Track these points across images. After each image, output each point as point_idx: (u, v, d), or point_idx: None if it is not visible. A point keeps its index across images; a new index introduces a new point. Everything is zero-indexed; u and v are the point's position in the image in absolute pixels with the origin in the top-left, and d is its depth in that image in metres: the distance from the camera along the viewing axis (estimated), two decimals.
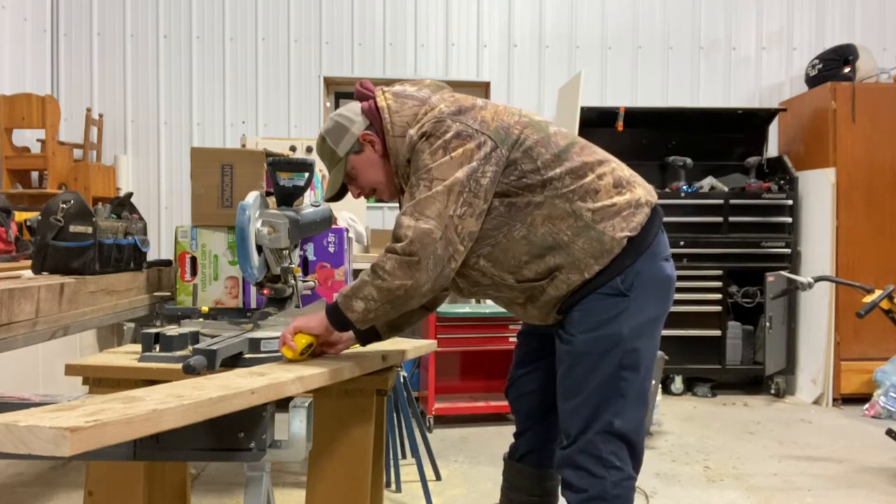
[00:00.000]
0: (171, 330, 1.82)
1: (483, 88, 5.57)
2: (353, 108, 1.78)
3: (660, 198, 1.55)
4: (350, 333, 1.79)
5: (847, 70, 5.05)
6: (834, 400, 4.73)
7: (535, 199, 1.62)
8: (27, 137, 5.09)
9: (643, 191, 1.70)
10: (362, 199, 2.24)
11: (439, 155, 1.59)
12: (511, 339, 4.02)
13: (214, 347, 1.56)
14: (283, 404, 1.32)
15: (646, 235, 1.64)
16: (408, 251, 1.54)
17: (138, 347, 1.81)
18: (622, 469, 1.63)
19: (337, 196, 1.85)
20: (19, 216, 3.04)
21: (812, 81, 5.22)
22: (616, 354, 1.62)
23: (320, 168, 3.00)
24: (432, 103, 1.69)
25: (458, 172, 1.57)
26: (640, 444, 1.68)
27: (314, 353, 1.71)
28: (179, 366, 1.52)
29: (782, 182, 5.07)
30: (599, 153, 1.72)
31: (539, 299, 1.68)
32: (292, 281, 2.02)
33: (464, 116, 1.63)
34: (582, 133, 3.13)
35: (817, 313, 4.85)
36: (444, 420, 4.21)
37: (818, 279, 3.58)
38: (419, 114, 1.68)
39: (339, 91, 5.67)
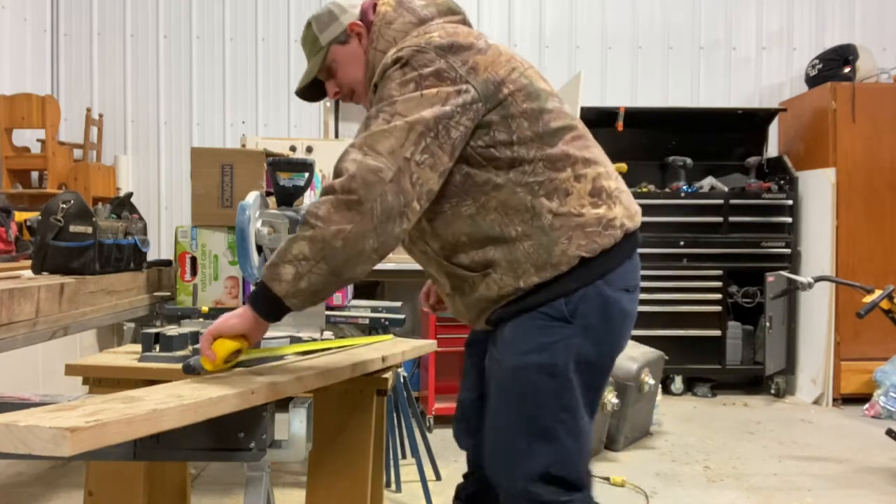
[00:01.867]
0: (171, 330, 1.82)
1: None
2: (352, 2, 1.60)
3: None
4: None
5: (847, 70, 5.05)
6: (834, 400, 4.73)
7: (496, 180, 1.39)
8: (27, 137, 5.09)
9: (622, 211, 1.45)
10: None
11: (409, 88, 1.35)
12: None
13: None
14: (283, 404, 1.33)
15: (605, 262, 1.41)
16: (347, 188, 1.28)
17: (138, 347, 1.81)
18: (571, 500, 1.42)
19: (311, 94, 1.66)
20: (19, 216, 3.04)
21: (812, 81, 5.22)
22: (550, 390, 1.39)
23: (320, 168, 3.00)
24: (429, 28, 1.46)
25: (425, 111, 1.32)
26: (585, 472, 1.47)
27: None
28: (179, 366, 1.52)
29: (782, 182, 5.07)
30: (593, 151, 1.48)
31: (468, 295, 1.47)
32: None
33: (453, 56, 1.38)
34: None
35: (817, 313, 4.85)
36: (444, 420, 4.21)
37: (818, 279, 3.57)
38: (410, 34, 1.47)
39: None
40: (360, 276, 1.36)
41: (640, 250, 1.51)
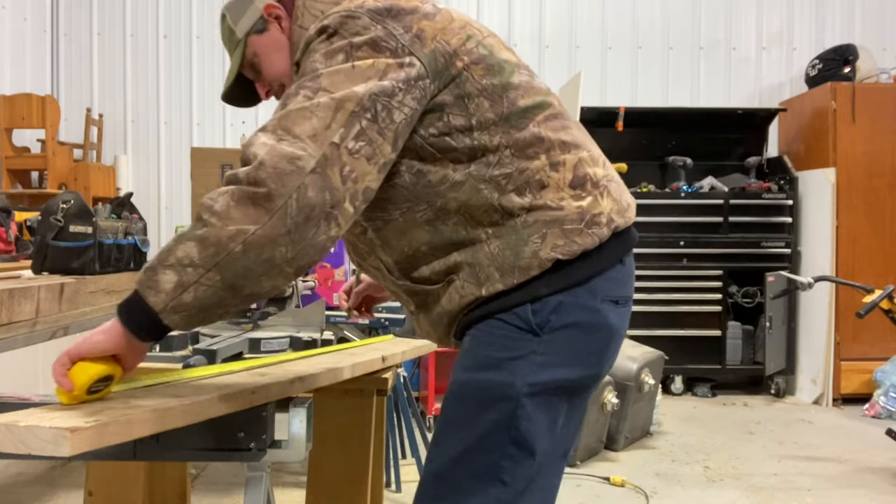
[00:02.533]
0: None
1: None
2: None
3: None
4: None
5: (847, 70, 5.05)
6: (834, 400, 4.73)
7: (454, 176, 1.12)
8: (27, 137, 5.09)
9: (611, 204, 1.18)
10: None
11: (338, 59, 1.08)
12: None
13: (214, 347, 1.56)
14: (284, 404, 1.32)
15: (587, 266, 1.14)
16: (254, 178, 1.00)
17: None
18: None
19: (243, 97, 1.39)
20: (19, 216, 3.04)
21: (812, 81, 5.22)
22: (500, 416, 1.09)
23: None
24: None
25: (357, 86, 1.05)
26: None
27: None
28: (180, 366, 1.52)
29: (782, 182, 5.07)
30: (573, 133, 1.20)
31: (432, 310, 1.21)
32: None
33: (393, 21, 1.11)
34: None
35: (817, 313, 4.85)
36: None
37: (818, 279, 3.58)
38: (342, 2, 1.19)
39: None
40: (270, 294, 1.08)
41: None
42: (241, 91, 1.37)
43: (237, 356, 1.68)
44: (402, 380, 3.04)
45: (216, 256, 0.99)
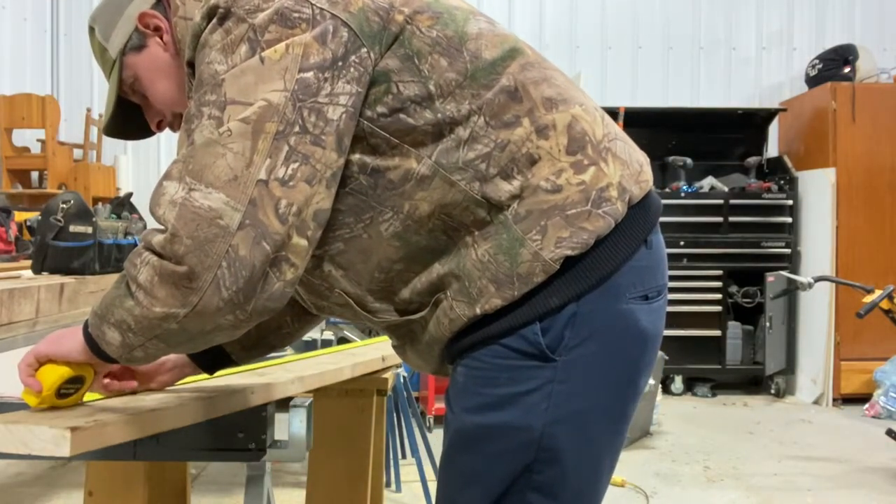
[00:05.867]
0: None
1: None
2: None
3: (660, 198, 0.96)
4: (175, 358, 1.13)
5: (847, 70, 5.05)
6: (834, 400, 4.73)
7: (420, 170, 0.89)
8: (27, 137, 5.09)
9: (620, 169, 0.94)
10: None
11: (241, 53, 0.85)
12: None
13: None
14: (284, 404, 1.32)
15: (600, 257, 0.91)
16: (170, 253, 0.83)
17: None
18: None
19: (132, 127, 1.10)
20: (19, 216, 3.04)
21: (812, 81, 5.22)
22: (517, 466, 0.91)
23: None
24: None
25: (273, 93, 0.83)
26: None
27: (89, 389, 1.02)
28: None
29: (782, 182, 5.07)
30: (557, 84, 0.96)
31: (419, 340, 0.99)
32: None
33: None
34: None
35: (817, 313, 4.84)
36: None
37: (818, 279, 3.58)
38: None
39: None
40: (235, 337, 0.92)
41: None
42: (129, 119, 1.09)
43: None
44: (402, 380, 3.04)
45: (153, 330, 0.86)
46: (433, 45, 0.89)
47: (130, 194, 2.72)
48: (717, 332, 4.93)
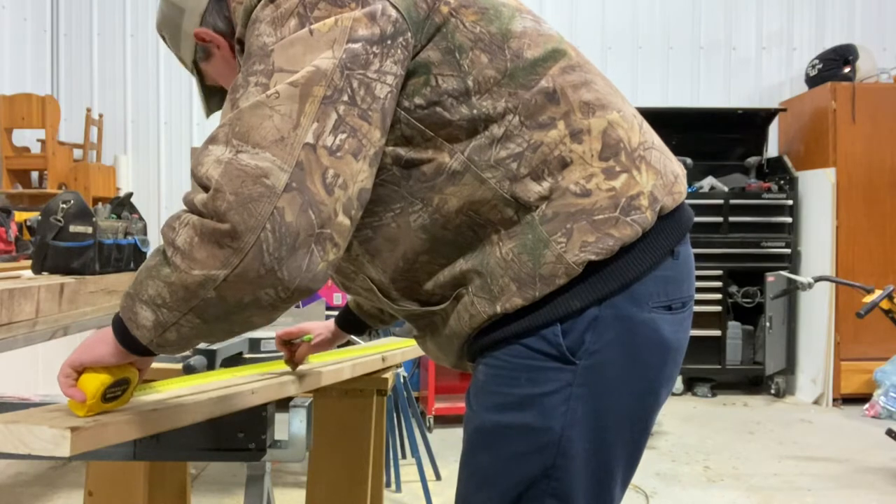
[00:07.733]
0: None
1: None
2: None
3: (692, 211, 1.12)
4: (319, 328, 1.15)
5: (847, 70, 5.05)
6: (834, 400, 4.73)
7: (452, 165, 0.90)
8: (27, 137, 5.09)
9: (653, 179, 0.95)
10: None
11: (290, 26, 0.85)
12: None
13: (214, 347, 1.56)
14: (283, 404, 1.32)
15: (625, 264, 0.92)
16: (213, 210, 0.80)
17: None
18: None
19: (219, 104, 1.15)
20: (19, 216, 3.04)
21: (812, 81, 5.22)
22: (534, 469, 0.91)
23: None
24: None
25: (323, 60, 0.82)
26: None
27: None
28: (180, 366, 1.52)
29: (782, 182, 5.07)
30: (597, 89, 0.95)
31: (440, 333, 1.01)
32: None
33: None
34: None
35: (817, 313, 4.85)
36: (444, 420, 4.21)
37: (818, 279, 3.58)
38: None
39: None
40: (268, 323, 0.91)
41: None
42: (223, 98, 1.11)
43: (237, 356, 1.67)
44: (402, 380, 3.04)
45: (189, 301, 0.82)
46: (475, 41, 0.89)
47: (130, 194, 2.71)
48: (717, 332, 4.93)
